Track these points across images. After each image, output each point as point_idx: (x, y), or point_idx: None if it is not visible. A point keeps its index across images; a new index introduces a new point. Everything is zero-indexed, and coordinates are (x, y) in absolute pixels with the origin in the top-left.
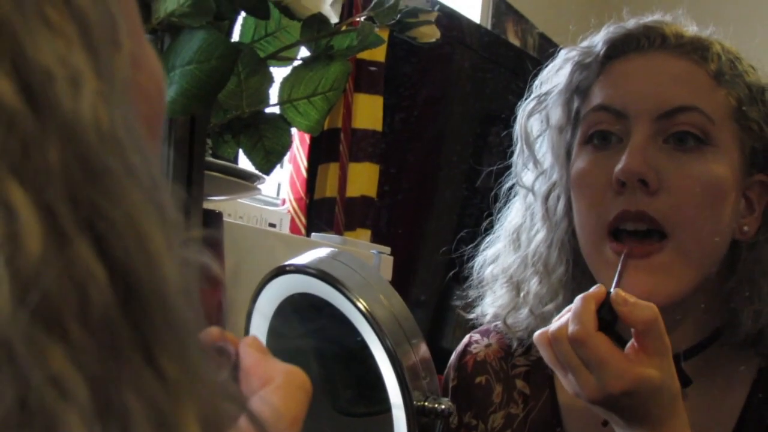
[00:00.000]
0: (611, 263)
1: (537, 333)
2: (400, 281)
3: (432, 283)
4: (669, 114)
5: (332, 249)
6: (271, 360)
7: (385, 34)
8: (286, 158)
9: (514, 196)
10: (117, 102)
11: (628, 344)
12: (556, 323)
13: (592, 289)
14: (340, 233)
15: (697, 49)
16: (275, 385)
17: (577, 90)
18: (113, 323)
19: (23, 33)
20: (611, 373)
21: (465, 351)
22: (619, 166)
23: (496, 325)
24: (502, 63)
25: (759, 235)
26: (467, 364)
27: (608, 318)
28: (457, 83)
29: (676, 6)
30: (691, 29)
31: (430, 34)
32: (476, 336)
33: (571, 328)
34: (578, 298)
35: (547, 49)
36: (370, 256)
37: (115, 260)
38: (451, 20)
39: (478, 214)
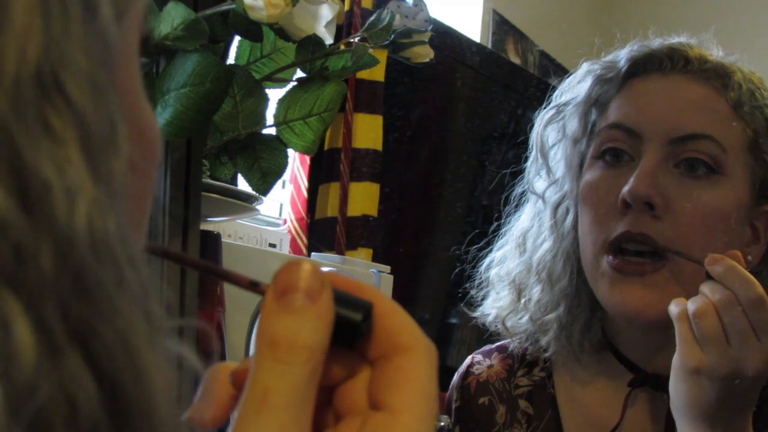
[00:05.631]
0: (606, 275)
1: (674, 307)
2: (401, 300)
3: (433, 302)
4: (682, 140)
5: (330, 269)
6: (404, 316)
7: (383, 54)
8: (287, 178)
9: (525, 202)
10: (112, 209)
11: None
12: (699, 299)
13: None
14: (341, 252)
15: (718, 76)
16: (417, 358)
17: (595, 103)
18: None
19: (22, 139)
20: None
21: (467, 372)
22: (626, 187)
23: (498, 346)
24: (501, 81)
25: (762, 264)
26: (470, 385)
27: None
28: (457, 101)
29: (671, 28)
30: (716, 54)
31: (424, 54)
32: (478, 357)
33: (747, 292)
34: (728, 266)
35: (547, 67)
36: (370, 275)
37: (105, 374)
38: (449, 39)
39: (480, 235)
